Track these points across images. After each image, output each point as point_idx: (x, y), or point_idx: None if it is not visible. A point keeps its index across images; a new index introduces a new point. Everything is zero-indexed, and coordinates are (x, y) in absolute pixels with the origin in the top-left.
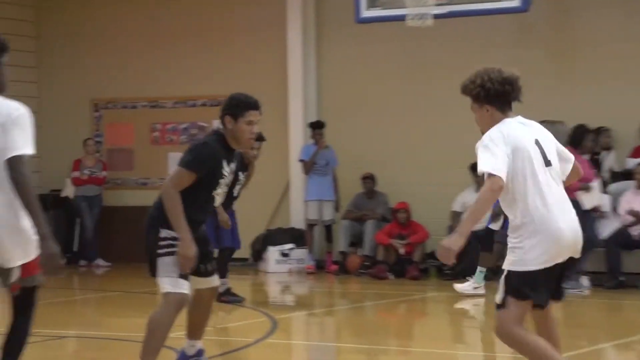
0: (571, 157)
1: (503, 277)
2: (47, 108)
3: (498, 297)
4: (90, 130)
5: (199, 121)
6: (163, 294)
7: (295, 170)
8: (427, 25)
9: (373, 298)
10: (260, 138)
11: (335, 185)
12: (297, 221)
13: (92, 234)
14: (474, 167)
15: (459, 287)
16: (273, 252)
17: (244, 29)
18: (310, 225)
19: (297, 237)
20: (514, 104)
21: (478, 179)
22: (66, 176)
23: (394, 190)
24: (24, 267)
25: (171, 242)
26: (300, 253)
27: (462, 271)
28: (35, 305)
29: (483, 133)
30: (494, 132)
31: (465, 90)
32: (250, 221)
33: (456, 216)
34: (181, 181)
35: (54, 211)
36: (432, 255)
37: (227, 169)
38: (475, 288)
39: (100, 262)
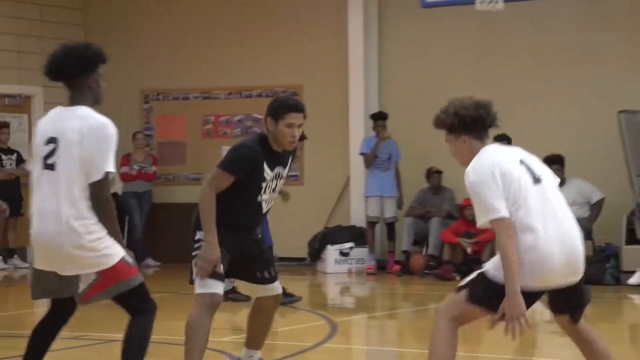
0: None
1: (478, 272)
2: None
3: (463, 281)
4: (139, 123)
5: (254, 113)
6: (194, 295)
7: (356, 165)
8: (497, 9)
9: (438, 300)
10: (301, 137)
11: (397, 180)
12: (358, 218)
13: (142, 231)
14: (546, 160)
15: None
16: (332, 252)
17: (302, 16)
18: (371, 223)
19: (358, 236)
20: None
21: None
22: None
23: (460, 185)
24: (106, 275)
25: (203, 243)
26: (360, 252)
27: None
28: (149, 306)
29: (463, 165)
30: (479, 164)
31: (439, 122)
32: (308, 219)
33: None
34: (218, 183)
35: None
36: None
37: (270, 173)
38: None
39: (149, 261)
